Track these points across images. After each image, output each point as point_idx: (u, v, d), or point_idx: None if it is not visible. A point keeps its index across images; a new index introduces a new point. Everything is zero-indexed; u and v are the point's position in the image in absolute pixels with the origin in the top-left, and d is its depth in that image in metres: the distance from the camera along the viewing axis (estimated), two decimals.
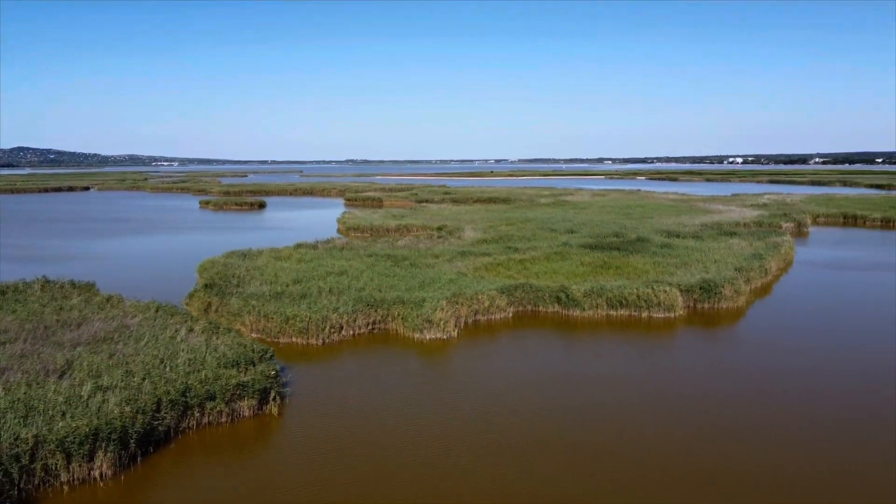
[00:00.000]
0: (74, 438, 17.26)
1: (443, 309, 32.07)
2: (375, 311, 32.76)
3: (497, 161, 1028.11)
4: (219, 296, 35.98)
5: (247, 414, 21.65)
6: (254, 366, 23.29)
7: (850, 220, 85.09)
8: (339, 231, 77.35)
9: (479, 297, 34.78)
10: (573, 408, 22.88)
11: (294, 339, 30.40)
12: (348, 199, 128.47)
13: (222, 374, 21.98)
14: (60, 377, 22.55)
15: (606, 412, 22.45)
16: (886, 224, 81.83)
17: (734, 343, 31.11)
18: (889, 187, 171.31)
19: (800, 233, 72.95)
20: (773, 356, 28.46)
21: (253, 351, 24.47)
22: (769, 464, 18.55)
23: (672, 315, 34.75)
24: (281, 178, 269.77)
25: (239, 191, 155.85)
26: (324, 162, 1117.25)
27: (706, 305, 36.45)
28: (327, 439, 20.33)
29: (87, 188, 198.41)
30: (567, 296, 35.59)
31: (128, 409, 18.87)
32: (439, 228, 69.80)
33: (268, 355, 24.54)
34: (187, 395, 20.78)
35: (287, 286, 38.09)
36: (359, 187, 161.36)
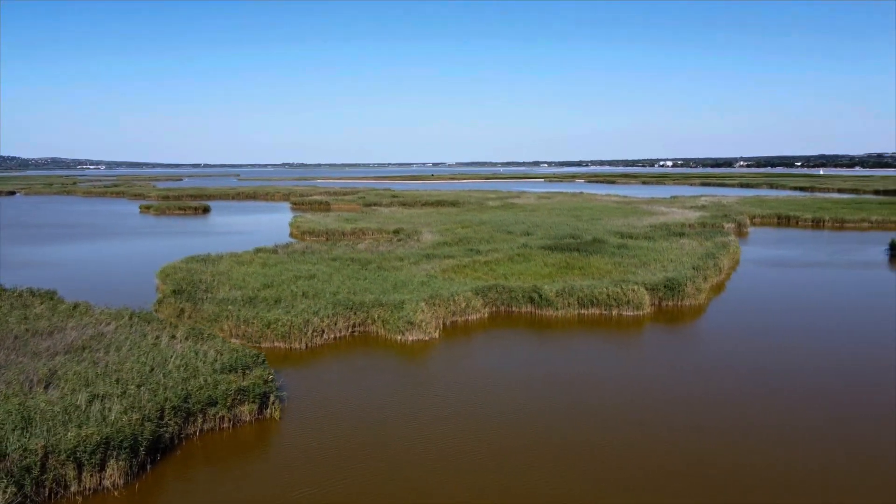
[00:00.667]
0: (86, 447, 16.93)
1: (423, 311, 32.49)
2: (355, 314, 32.90)
3: (435, 164, 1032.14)
4: (191, 301, 35.41)
5: (247, 419, 21.55)
6: (249, 371, 23.17)
7: (784, 221, 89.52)
8: (292, 235, 76.59)
9: (456, 299, 35.33)
10: (564, 407, 23.64)
11: (276, 344, 30.25)
12: (294, 203, 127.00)
13: (221, 379, 21.82)
14: (46, 387, 21.96)
15: (595, 411, 23.32)
16: (817, 224, 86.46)
17: (702, 339, 32.60)
18: (811, 189, 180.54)
19: (740, 233, 76.32)
20: (739, 352, 30.02)
21: (246, 356, 24.32)
22: (749, 459, 19.71)
23: (641, 313, 36.10)
24: (218, 182, 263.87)
25: (178, 195, 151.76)
26: (259, 165, 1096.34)
27: (670, 303, 37.99)
28: (331, 441, 20.47)
29: (12, 193, 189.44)
30: (540, 296, 36.51)
31: (135, 416, 18.57)
32: (395, 232, 70.07)
33: (260, 360, 24.44)
34: (188, 401, 20.56)
35: (258, 291, 37.75)
36: (303, 191, 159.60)
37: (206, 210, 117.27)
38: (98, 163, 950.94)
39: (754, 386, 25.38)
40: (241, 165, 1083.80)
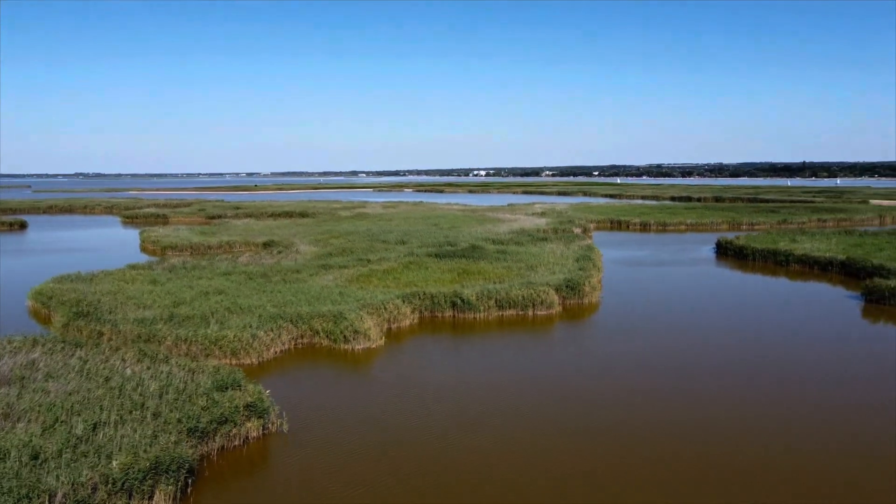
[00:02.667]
0: (137, 475, 16.17)
1: (363, 319, 33.18)
2: (297, 326, 32.76)
3: (249, 175, 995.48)
4: (100, 323, 33.11)
5: (255, 435, 21.30)
6: (240, 387, 22.78)
7: (616, 225, 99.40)
8: (145, 251, 72.01)
9: (387, 306, 36.30)
10: (554, 403, 25.87)
11: (226, 361, 29.38)
12: (126, 217, 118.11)
13: (226, 396, 21.36)
14: (17, 421, 20.15)
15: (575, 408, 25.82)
16: (644, 227, 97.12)
17: (613, 333, 36.38)
18: (620, 196, 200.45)
19: (586, 237, 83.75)
20: (649, 343, 34.15)
21: (227, 373, 23.80)
22: (678, 454, 23.21)
23: (552, 311, 39.42)
24: (11, 194, 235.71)
25: None
26: (48, 175, 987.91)
27: (572, 302, 41.78)
28: (346, 447, 20.95)
29: None
30: (462, 300, 38.54)
31: (172, 438, 17.88)
32: (266, 244, 68.59)
33: (241, 376, 24.02)
34: (200, 420, 20.00)
35: (171, 309, 36.05)
36: (128, 203, 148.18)
37: (22, 225, 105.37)
38: None
39: (668, 375, 29.32)
40: (25, 175, 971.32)
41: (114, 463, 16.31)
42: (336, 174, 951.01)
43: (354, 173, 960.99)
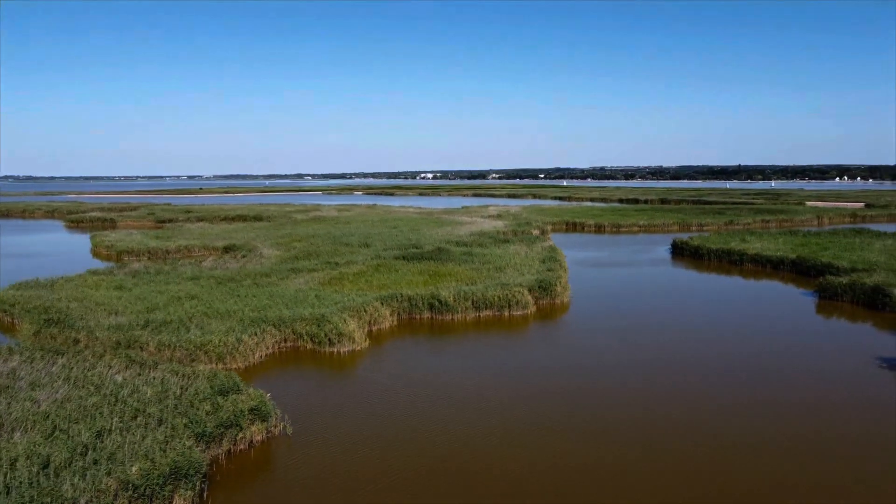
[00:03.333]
0: (158, 480, 16.05)
1: (347, 322, 33.25)
2: (280, 330, 32.59)
3: (190, 177, 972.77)
4: (84, 331, 32.30)
5: (259, 438, 21.27)
6: (240, 391, 22.68)
7: (572, 227, 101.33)
8: (99, 255, 70.08)
9: (367, 309, 36.42)
10: (535, 396, 26.51)
11: (212, 366, 29.03)
12: (71, 222, 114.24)
13: (230, 400, 21.24)
14: (12, 431, 19.66)
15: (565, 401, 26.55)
16: (599, 229, 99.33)
17: (590, 332, 37.36)
18: (569, 199, 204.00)
19: (545, 239, 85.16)
20: (626, 343, 35.23)
21: (225, 378, 23.64)
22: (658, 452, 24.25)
23: (527, 312, 40.18)
24: None
25: None
26: None
27: (545, 302, 42.66)
28: (352, 448, 21.13)
29: None
30: (440, 301, 38.93)
31: (187, 443, 17.75)
32: (227, 248, 67.59)
33: (237, 380, 23.89)
34: (207, 425, 19.88)
35: (145, 315, 35.44)
36: (71, 207, 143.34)
37: None
38: None
39: (653, 372, 30.42)
40: None
41: (133, 469, 16.14)
42: (282, 177, 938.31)
43: (300, 176, 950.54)
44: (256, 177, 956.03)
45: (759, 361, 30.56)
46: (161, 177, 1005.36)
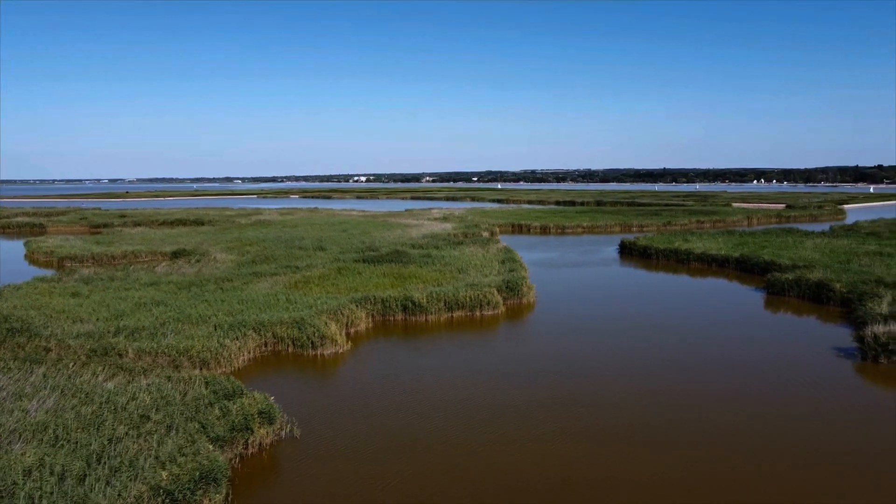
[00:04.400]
0: (188, 485, 15.90)
1: (328, 324, 33.23)
2: (259, 334, 32.28)
3: (112, 181, 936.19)
4: (54, 339, 31.18)
5: (268, 441, 21.19)
6: (243, 395, 22.52)
7: (518, 229, 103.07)
8: (36, 262, 67.17)
9: (343, 311, 36.44)
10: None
11: (196, 372, 28.53)
12: None
13: (239, 404, 21.08)
14: (10, 443, 19.00)
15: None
16: (544, 230, 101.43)
17: (556, 329, 38.47)
18: (507, 201, 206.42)
19: (496, 241, 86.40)
20: (594, 339, 36.50)
21: (225, 382, 23.40)
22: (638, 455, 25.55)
23: (497, 312, 41.00)
24: None
25: None
26: None
27: (512, 301, 43.59)
28: (361, 448, 21.34)
29: None
30: (413, 303, 39.28)
31: (210, 447, 17.59)
32: (176, 253, 65.92)
33: (237, 384, 23.68)
34: (219, 429, 19.71)
35: (113, 321, 34.51)
36: None
37: None
38: None
39: (625, 371, 31.72)
40: None
41: (163, 474, 15.95)
42: (209, 180, 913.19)
43: (229, 179, 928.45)
44: (183, 180, 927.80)
45: (724, 353, 32.27)
46: (79, 180, 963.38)
